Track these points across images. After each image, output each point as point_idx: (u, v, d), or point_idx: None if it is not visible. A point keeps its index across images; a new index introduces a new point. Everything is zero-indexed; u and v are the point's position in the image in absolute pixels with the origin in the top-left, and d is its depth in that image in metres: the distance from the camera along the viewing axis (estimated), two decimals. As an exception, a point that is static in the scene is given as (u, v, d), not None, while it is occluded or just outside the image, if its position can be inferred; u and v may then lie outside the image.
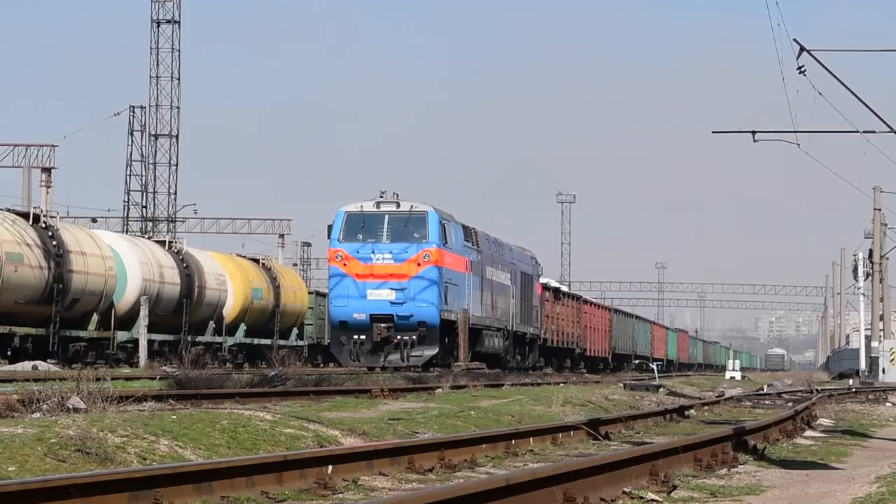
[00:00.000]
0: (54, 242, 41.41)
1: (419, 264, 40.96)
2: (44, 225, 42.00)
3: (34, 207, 48.56)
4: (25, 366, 33.62)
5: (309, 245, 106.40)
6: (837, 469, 14.52)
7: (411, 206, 41.68)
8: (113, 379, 19.05)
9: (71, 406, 14.82)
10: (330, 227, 41.74)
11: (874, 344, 73.07)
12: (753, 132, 37.48)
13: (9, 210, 42.51)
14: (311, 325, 63.43)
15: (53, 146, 68.95)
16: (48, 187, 66.95)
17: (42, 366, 33.74)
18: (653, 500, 10.50)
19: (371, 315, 40.56)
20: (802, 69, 31.47)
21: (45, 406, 14.91)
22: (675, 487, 11.27)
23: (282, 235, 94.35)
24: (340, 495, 10.67)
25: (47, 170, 67.74)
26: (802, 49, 31.43)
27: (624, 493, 10.52)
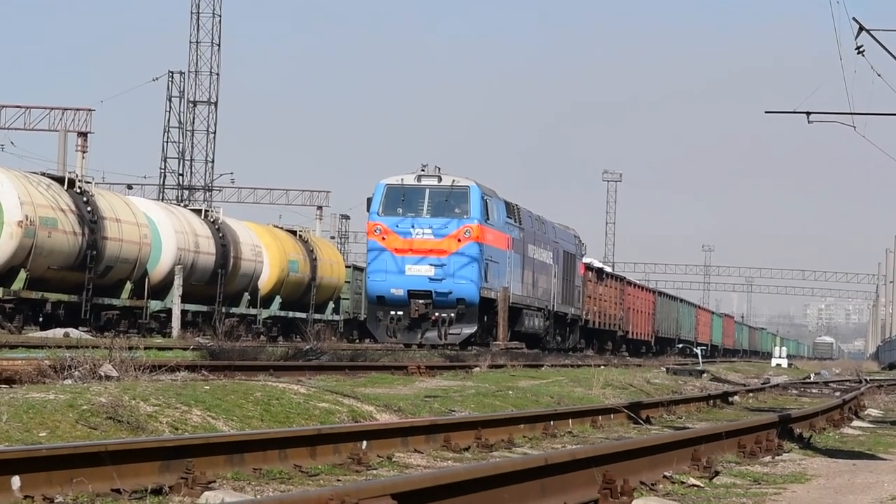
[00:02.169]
0: (89, 208, 41.60)
1: (459, 240, 40.90)
2: (79, 190, 42.19)
3: (69, 172, 48.80)
4: (57, 333, 33.81)
5: (347, 218, 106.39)
6: (885, 460, 14.46)
7: (453, 181, 41.57)
8: (145, 348, 19.14)
9: (103, 374, 14.91)
10: (369, 200, 41.69)
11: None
12: (808, 113, 37.25)
13: (44, 174, 42.73)
14: (347, 299, 63.58)
15: (90, 110, 69.18)
16: (84, 152, 67.19)
17: (74, 333, 33.92)
18: (694, 485, 10.49)
19: (409, 291, 40.55)
20: (861, 49, 31.25)
21: (76, 373, 15.00)
22: (717, 473, 11.26)
23: (320, 207, 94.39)
24: (374, 471, 10.71)
25: (83, 134, 67.97)
26: (861, 28, 31.20)
27: (664, 477, 10.51)
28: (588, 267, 59.99)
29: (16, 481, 7.77)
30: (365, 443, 11.32)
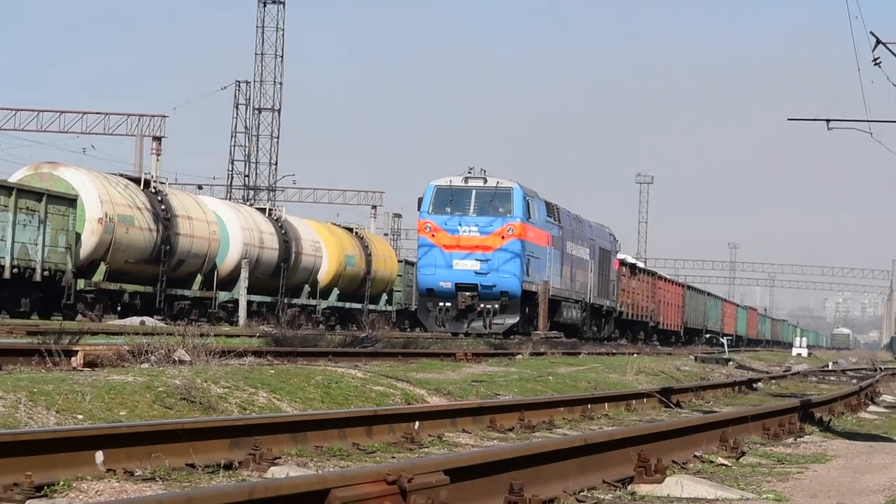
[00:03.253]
0: (163, 206, 41.83)
1: (503, 237, 40.91)
2: (153, 190, 42.44)
3: (145, 173, 49.09)
4: (134, 321, 34.00)
5: (399, 216, 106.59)
6: (899, 442, 14.38)
7: (497, 182, 41.60)
8: (215, 335, 19.20)
9: (177, 358, 14.99)
10: (420, 200, 41.76)
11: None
12: (828, 120, 37.12)
13: (121, 175, 43.03)
14: (399, 291, 63.65)
15: (164, 116, 69.53)
16: (158, 155, 67.50)
17: (149, 321, 34.12)
18: (722, 465, 10.46)
19: (456, 284, 40.59)
20: (878, 61, 31.09)
21: (152, 358, 15.09)
22: (743, 454, 11.23)
23: (374, 206, 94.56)
24: (426, 449, 10.72)
25: (158, 139, 68.30)
26: (878, 41, 31.03)
27: (695, 456, 10.48)
28: (622, 262, 59.86)
29: (99, 456, 7.82)
30: (417, 423, 11.33)
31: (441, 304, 40.79)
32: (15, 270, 34.59)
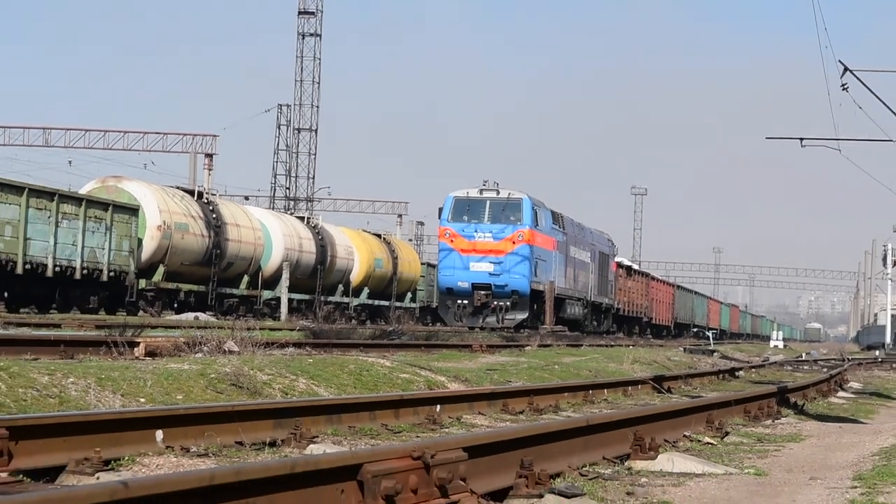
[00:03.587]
0: (214, 215, 41.92)
1: (514, 242, 40.92)
2: (206, 201, 42.53)
3: (198, 186, 49.15)
4: (188, 316, 34.07)
5: (422, 224, 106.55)
6: (866, 424, 14.35)
7: (509, 194, 41.62)
8: (260, 329, 19.25)
9: (226, 349, 15.01)
10: (440, 209, 41.81)
11: (898, 322, 72.09)
12: (801, 139, 37.01)
13: (178, 188, 43.13)
14: (422, 290, 63.63)
15: (215, 136, 69.67)
16: (210, 170, 67.64)
17: (202, 316, 34.17)
18: (708, 443, 10.45)
19: (473, 283, 40.63)
20: (845, 86, 31.00)
21: (205, 348, 15.11)
22: (727, 434, 11.21)
23: (400, 215, 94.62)
24: (446, 429, 10.73)
25: (209, 155, 68.44)
26: (846, 69, 30.93)
27: (684, 436, 10.47)
28: (619, 265, 59.79)
29: (159, 434, 7.85)
30: (438, 406, 11.34)
31: (459, 301, 40.82)
32: (85, 272, 34.73)
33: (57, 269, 33.54)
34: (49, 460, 6.86)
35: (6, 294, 32.63)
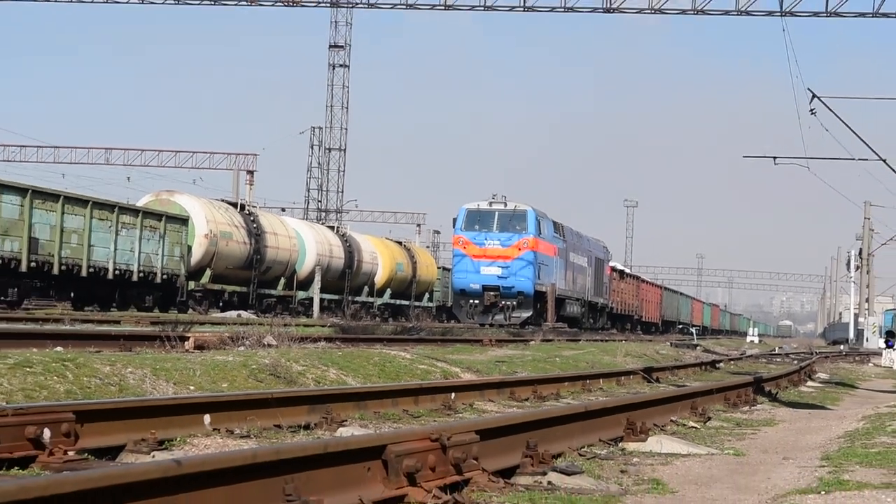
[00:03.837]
0: (254, 225, 42.00)
1: (520, 249, 40.89)
2: (247, 212, 42.63)
3: (241, 199, 49.26)
4: (232, 314, 34.17)
5: (438, 232, 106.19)
6: (832, 410, 14.31)
7: (515, 206, 41.59)
8: (295, 325, 19.26)
9: (266, 343, 15.03)
10: (454, 220, 41.81)
11: (861, 319, 71.99)
12: (775, 158, 37.08)
13: (223, 200, 43.22)
14: (438, 291, 63.61)
15: (255, 154, 69.74)
16: (251, 184, 67.69)
17: (244, 314, 34.26)
18: (693, 427, 10.42)
19: (483, 285, 40.59)
20: (813, 111, 31.02)
21: (247, 342, 15.13)
22: (709, 419, 11.18)
23: (419, 224, 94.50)
24: (460, 414, 10.72)
25: (251, 172, 68.48)
26: (814, 96, 30.94)
27: (671, 421, 10.45)
28: (613, 269, 59.66)
29: (207, 418, 7.86)
30: (453, 394, 11.33)
31: (471, 301, 40.79)
32: (141, 274, 34.82)
33: (117, 272, 33.64)
34: (110, 441, 6.88)
35: (73, 294, 32.74)
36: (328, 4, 49.05)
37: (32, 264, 29.91)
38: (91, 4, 43.75)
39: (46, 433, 6.38)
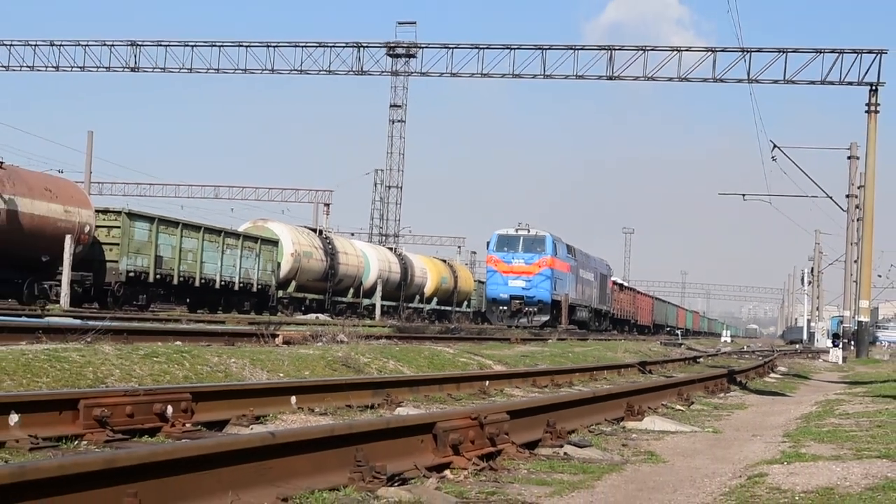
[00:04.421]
0: (330, 246, 42.15)
1: (540, 266, 40.83)
2: (324, 236, 42.78)
3: (319, 226, 49.48)
4: (311, 317, 34.29)
5: (475, 252, 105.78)
6: (791, 396, 14.13)
7: (536, 232, 41.58)
8: (361, 326, 19.28)
9: (339, 339, 15.05)
10: (488, 243, 41.89)
11: (812, 324, 71.28)
12: (744, 194, 37.02)
13: (305, 227, 43.41)
14: (474, 299, 63.42)
15: (331, 190, 70.34)
16: (327, 214, 68.04)
17: (321, 317, 34.37)
18: (679, 410, 10.33)
19: (510, 295, 40.57)
20: (774, 157, 31.00)
21: (324, 339, 15.15)
22: (692, 403, 11.08)
23: (459, 246, 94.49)
24: (493, 398, 10.69)
25: (327, 204, 68.89)
26: (775, 146, 30.92)
27: (662, 404, 10.37)
28: (614, 282, 59.33)
29: (293, 399, 7.88)
30: (487, 382, 11.30)
31: (501, 307, 40.77)
32: (241, 285, 35.03)
33: (222, 283, 33.88)
34: (218, 416, 6.91)
35: (188, 300, 33.01)
36: (389, 73, 49.34)
37: (157, 276, 30.21)
38: (204, 74, 44.33)
39: (169, 409, 6.43)
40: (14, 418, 5.55)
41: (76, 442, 5.74)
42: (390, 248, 52.20)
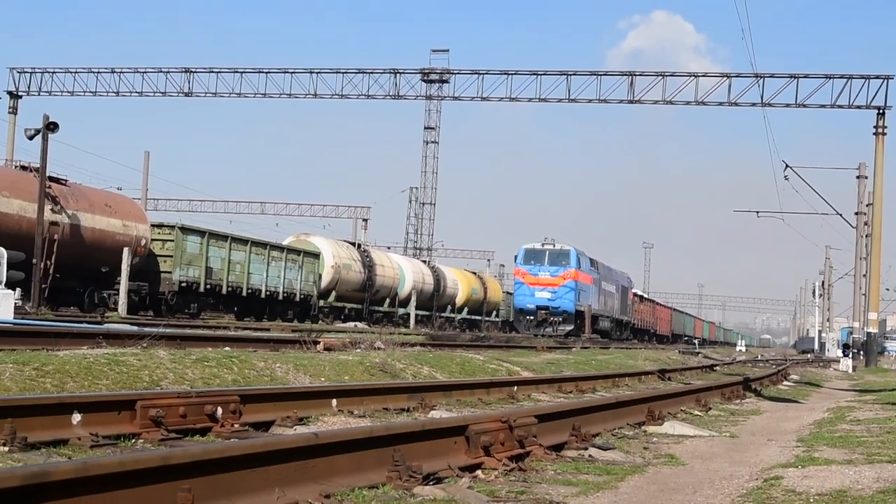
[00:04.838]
0: (367, 259, 42.27)
1: (564, 278, 40.70)
2: (363, 249, 42.91)
3: (358, 240, 49.65)
4: (351, 325, 34.36)
5: (503, 265, 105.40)
6: (803, 403, 13.93)
7: (561, 246, 41.48)
8: (397, 333, 19.30)
9: (376, 346, 15.03)
10: (516, 256, 41.85)
11: (823, 334, 70.42)
12: (758, 212, 36.73)
13: (344, 241, 43.58)
14: (503, 309, 63.25)
15: (369, 207, 70.60)
16: (365, 229, 68.27)
17: (359, 325, 34.44)
18: (697, 415, 10.22)
19: (537, 305, 40.48)
20: (787, 177, 30.77)
21: (362, 346, 15.15)
22: (710, 408, 10.96)
23: (489, 260, 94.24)
24: (522, 403, 10.64)
25: (365, 220, 69.16)
26: (787, 166, 30.70)
27: (681, 410, 10.26)
28: (635, 294, 58.96)
29: (334, 402, 7.88)
30: (515, 387, 11.25)
31: (528, 317, 40.68)
32: (285, 294, 35.21)
33: (267, 293, 34.08)
34: (264, 417, 6.93)
35: (236, 308, 33.23)
36: (424, 97, 49.52)
37: (208, 286, 30.46)
38: (252, 98, 44.75)
39: (219, 410, 6.47)
40: (77, 417, 5.61)
41: (133, 440, 5.79)
42: (424, 261, 52.23)
